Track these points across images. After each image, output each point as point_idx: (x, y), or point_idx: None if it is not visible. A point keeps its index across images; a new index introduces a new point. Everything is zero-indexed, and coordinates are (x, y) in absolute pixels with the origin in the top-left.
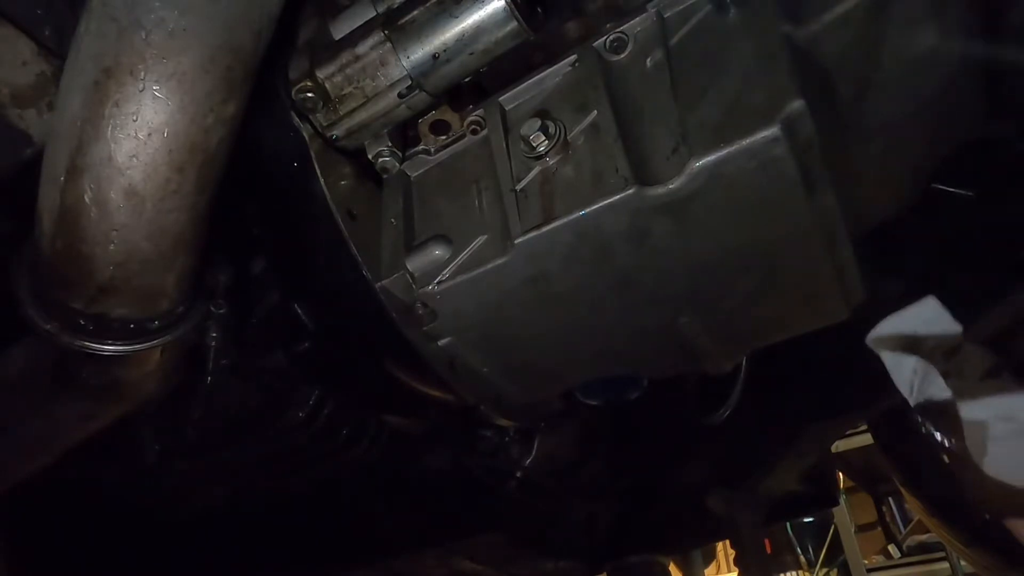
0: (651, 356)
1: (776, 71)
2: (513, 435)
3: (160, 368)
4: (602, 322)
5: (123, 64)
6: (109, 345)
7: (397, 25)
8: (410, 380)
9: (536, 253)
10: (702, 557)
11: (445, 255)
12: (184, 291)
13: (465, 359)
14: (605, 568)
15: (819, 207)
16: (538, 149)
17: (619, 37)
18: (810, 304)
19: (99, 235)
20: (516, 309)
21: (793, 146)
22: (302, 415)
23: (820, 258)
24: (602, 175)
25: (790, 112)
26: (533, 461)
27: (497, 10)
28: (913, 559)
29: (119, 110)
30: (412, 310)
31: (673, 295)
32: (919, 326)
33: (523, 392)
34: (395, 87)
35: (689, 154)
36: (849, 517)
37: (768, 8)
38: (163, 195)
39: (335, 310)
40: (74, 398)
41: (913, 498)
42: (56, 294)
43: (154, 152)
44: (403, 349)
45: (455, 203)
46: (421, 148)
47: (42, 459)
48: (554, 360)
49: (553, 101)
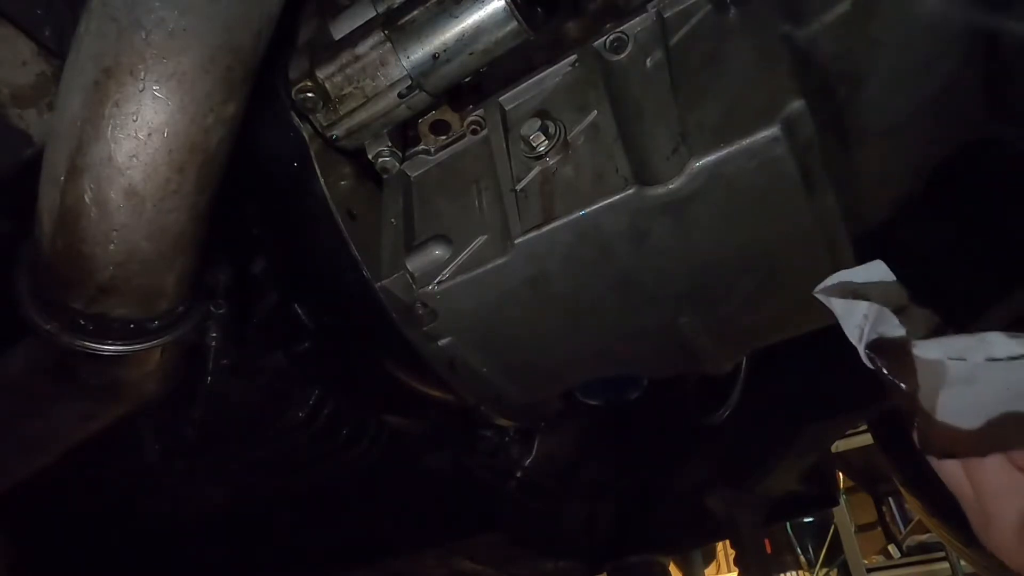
0: (651, 356)
1: (776, 71)
2: (513, 435)
3: (160, 368)
4: (602, 322)
5: (123, 64)
6: (109, 345)
7: (397, 25)
8: (410, 380)
9: (536, 253)
10: (702, 557)
11: (445, 255)
12: (184, 291)
13: (465, 359)
14: (605, 568)
15: (819, 207)
16: (538, 149)
17: (619, 37)
18: (810, 304)
19: (99, 235)
20: (516, 309)
21: (793, 146)
22: (302, 415)
23: (820, 258)
24: (602, 175)
25: (790, 112)
26: (533, 461)
27: (497, 10)
28: (913, 559)
29: (119, 110)
30: (412, 310)
31: (673, 295)
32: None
33: (523, 392)
34: (395, 87)
35: (689, 154)
36: (849, 517)
37: (768, 8)
38: (163, 195)
39: (335, 310)
40: (74, 398)
41: (913, 498)
42: (56, 294)
43: (154, 152)
44: (403, 349)
45: (455, 203)
46: (421, 148)
47: (42, 459)
48: (554, 360)
49: (553, 101)
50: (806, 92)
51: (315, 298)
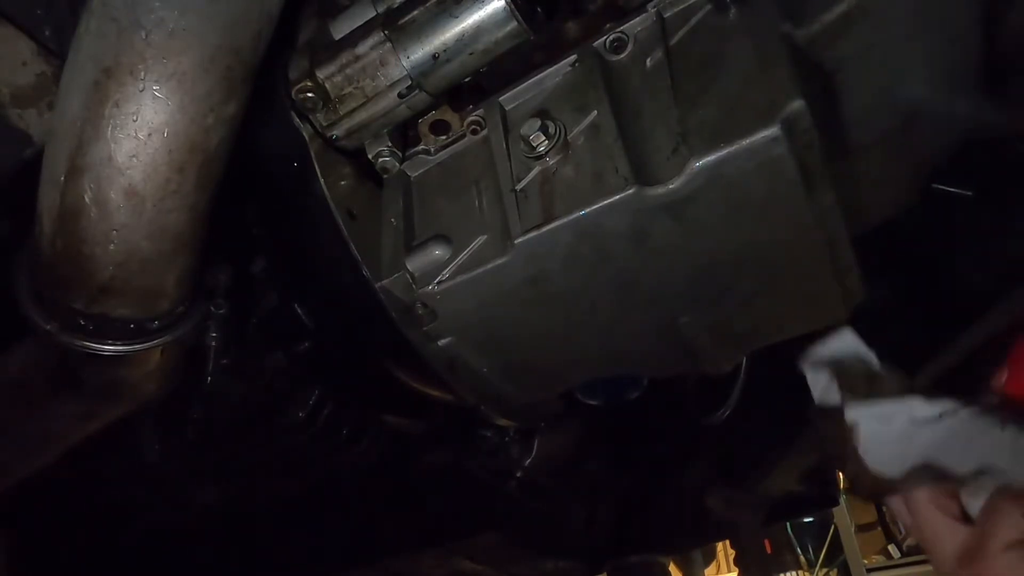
0: (651, 356)
1: (776, 71)
2: (513, 435)
3: (160, 368)
4: (602, 322)
5: (123, 64)
6: (109, 345)
7: (397, 25)
8: (410, 380)
9: (536, 253)
10: (702, 557)
11: (445, 255)
12: (184, 291)
13: (465, 359)
14: (605, 568)
15: (819, 207)
16: (538, 149)
17: (619, 37)
18: (810, 304)
19: (99, 235)
20: (516, 309)
21: (793, 146)
22: (302, 415)
23: (820, 258)
24: (602, 175)
25: (790, 112)
26: (533, 461)
27: (497, 10)
28: (913, 559)
29: (119, 110)
30: (412, 310)
31: (673, 295)
32: (841, 352)
33: (523, 392)
34: (395, 87)
35: (689, 154)
36: (849, 517)
37: (768, 8)
38: (163, 195)
39: (335, 310)
40: (74, 398)
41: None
42: (56, 294)
43: (154, 152)
44: (403, 349)
45: (455, 203)
46: (421, 148)
47: (42, 458)
48: (554, 360)
49: (553, 101)
50: (806, 92)
51: (315, 298)
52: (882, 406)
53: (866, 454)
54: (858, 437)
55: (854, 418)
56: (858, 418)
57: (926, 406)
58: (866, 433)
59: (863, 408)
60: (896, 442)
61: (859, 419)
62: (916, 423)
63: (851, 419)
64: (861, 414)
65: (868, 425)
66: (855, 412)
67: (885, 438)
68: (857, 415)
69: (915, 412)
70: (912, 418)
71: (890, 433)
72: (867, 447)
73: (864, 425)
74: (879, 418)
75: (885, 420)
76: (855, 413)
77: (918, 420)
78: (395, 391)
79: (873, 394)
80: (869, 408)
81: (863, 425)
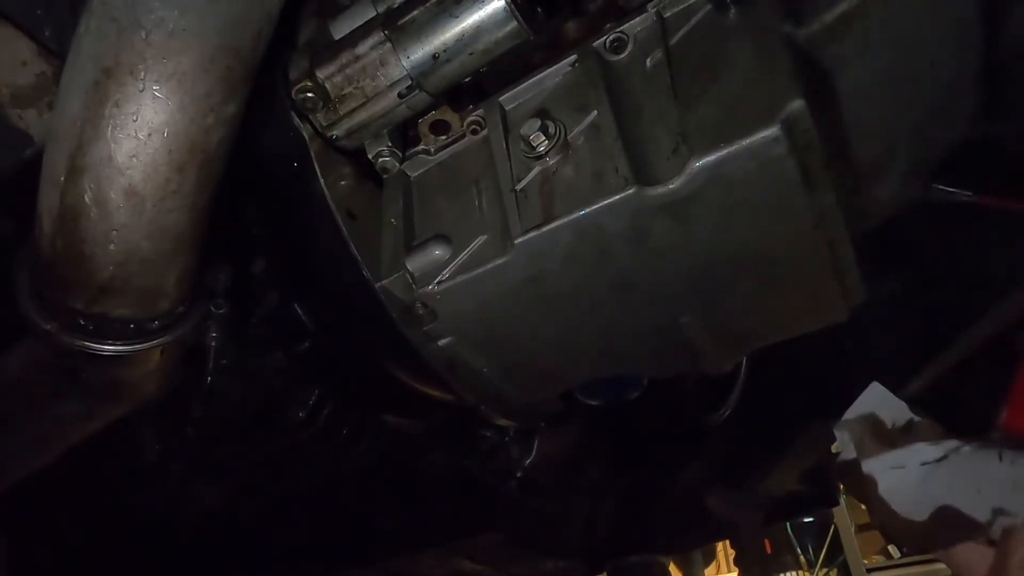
0: (651, 356)
1: (776, 71)
2: (513, 435)
3: (160, 368)
4: (602, 322)
5: (123, 64)
6: (109, 345)
7: (397, 25)
8: (410, 380)
9: (536, 253)
10: (702, 557)
11: (445, 255)
12: (184, 291)
13: (465, 359)
14: (605, 568)
15: (819, 207)
16: (538, 149)
17: (619, 37)
18: (810, 304)
19: (99, 235)
20: (516, 309)
21: (793, 146)
22: (302, 415)
23: (820, 258)
24: (602, 175)
25: (790, 112)
26: (533, 461)
27: (497, 10)
28: (913, 559)
29: (119, 110)
30: (412, 310)
31: (673, 295)
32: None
33: (523, 392)
34: (395, 87)
35: (689, 154)
36: (849, 517)
37: (768, 8)
38: (163, 195)
39: (335, 310)
40: (74, 398)
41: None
42: (56, 294)
43: (154, 152)
44: (403, 349)
45: (455, 203)
46: (421, 148)
47: (42, 458)
48: (554, 360)
49: (553, 101)
50: (806, 92)
51: (315, 298)
52: (894, 455)
53: (890, 501)
54: (879, 487)
55: (870, 470)
56: (874, 470)
57: (931, 448)
58: (885, 482)
59: (877, 460)
60: (914, 485)
61: (875, 471)
62: (927, 465)
63: (868, 471)
64: (876, 466)
65: (885, 474)
66: (871, 464)
67: (903, 484)
68: (873, 467)
69: (922, 456)
70: (922, 461)
71: (907, 477)
72: (889, 495)
73: (881, 475)
74: (894, 466)
75: (899, 467)
76: (871, 465)
77: (928, 462)
78: (395, 391)
79: (911, 440)
80: (882, 459)
81: (881, 475)
